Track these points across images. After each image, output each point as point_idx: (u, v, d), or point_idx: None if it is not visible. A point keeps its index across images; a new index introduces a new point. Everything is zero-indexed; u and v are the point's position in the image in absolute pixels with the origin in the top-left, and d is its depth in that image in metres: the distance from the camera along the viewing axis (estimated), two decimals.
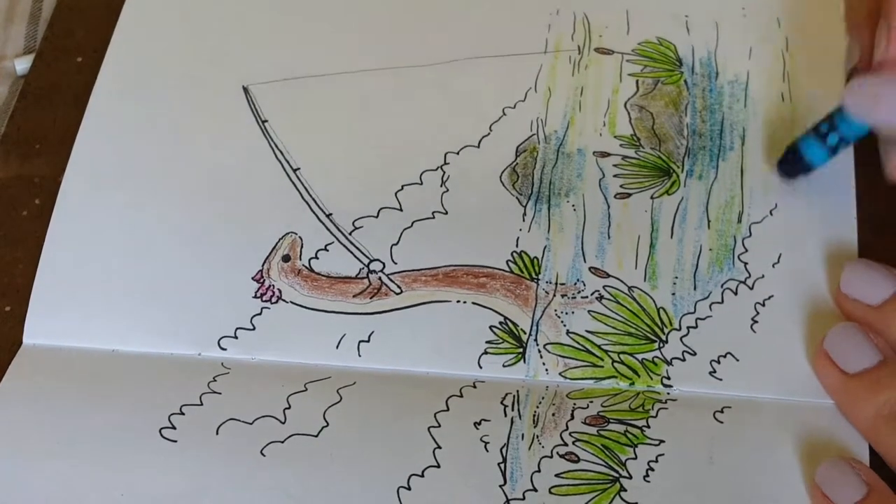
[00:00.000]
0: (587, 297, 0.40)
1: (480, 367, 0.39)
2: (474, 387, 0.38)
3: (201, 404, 0.39)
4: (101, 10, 0.49)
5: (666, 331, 0.39)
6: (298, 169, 0.44)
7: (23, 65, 0.49)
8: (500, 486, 0.36)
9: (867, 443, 0.36)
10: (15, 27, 0.51)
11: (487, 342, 0.39)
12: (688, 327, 0.39)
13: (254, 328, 0.40)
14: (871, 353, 0.36)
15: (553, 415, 0.37)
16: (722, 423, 0.37)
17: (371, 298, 0.41)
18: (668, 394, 0.38)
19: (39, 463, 0.37)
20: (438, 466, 0.36)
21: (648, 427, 0.37)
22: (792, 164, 0.41)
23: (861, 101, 0.36)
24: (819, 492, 0.34)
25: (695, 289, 0.40)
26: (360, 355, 0.39)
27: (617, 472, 0.36)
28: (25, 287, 0.42)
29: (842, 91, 0.38)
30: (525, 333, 0.39)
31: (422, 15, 0.48)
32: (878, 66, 0.37)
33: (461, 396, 0.38)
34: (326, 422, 0.38)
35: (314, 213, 0.43)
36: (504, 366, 0.39)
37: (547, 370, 0.39)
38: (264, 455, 0.37)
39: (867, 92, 0.36)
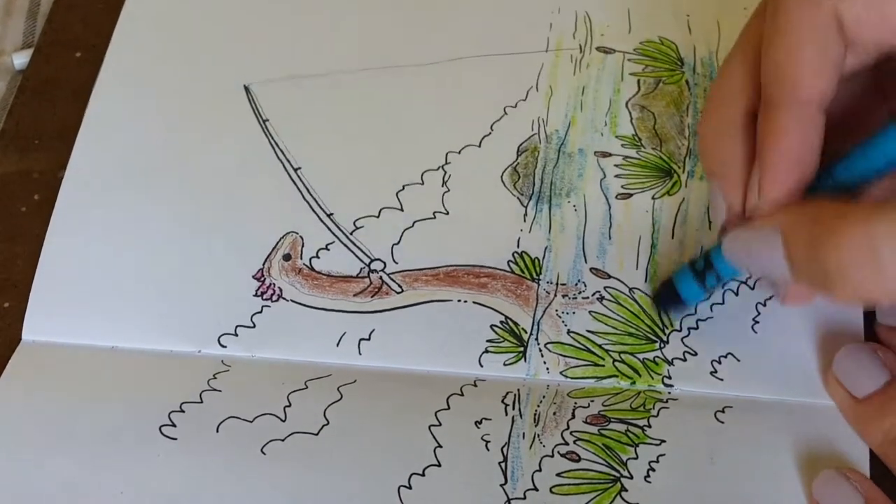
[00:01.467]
0: (588, 297, 0.40)
1: (481, 366, 0.39)
2: (475, 385, 0.38)
3: (201, 402, 0.38)
4: (100, 6, 0.49)
5: (667, 331, 0.39)
6: (299, 168, 0.44)
7: (21, 60, 0.49)
8: (501, 485, 0.36)
9: (867, 444, 0.36)
10: (13, 22, 0.50)
11: (488, 341, 0.39)
12: (689, 328, 0.39)
13: (254, 326, 0.40)
14: (877, 374, 0.35)
15: (554, 414, 0.37)
16: (723, 422, 0.37)
17: (372, 297, 0.40)
18: (670, 393, 0.38)
19: (39, 460, 0.37)
20: (439, 465, 0.36)
21: (649, 426, 0.37)
22: (667, 298, 0.39)
23: (737, 253, 0.34)
24: None
25: None
26: (360, 353, 0.39)
27: (618, 471, 0.36)
28: (25, 283, 0.41)
29: (718, 236, 0.36)
30: (526, 332, 0.39)
31: (423, 14, 0.48)
32: (751, 214, 0.34)
33: (462, 395, 0.38)
34: (327, 420, 0.38)
35: (315, 212, 0.43)
36: (505, 364, 0.39)
37: (548, 369, 0.39)
38: (264, 453, 0.37)
39: (742, 245, 0.34)
